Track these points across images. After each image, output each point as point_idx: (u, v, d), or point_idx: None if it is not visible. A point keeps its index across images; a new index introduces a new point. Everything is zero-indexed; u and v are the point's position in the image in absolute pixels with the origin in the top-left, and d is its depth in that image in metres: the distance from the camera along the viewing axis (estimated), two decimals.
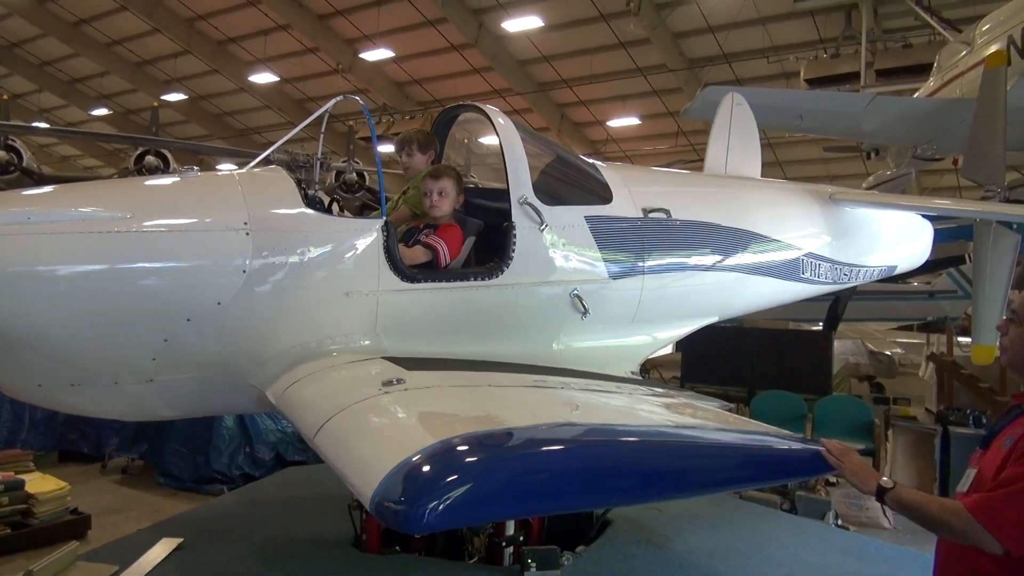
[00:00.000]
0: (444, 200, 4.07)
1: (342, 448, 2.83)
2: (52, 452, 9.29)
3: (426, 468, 2.43)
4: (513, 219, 4.01)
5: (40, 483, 6.84)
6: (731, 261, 5.03)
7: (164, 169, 14.78)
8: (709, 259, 4.90)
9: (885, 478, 2.59)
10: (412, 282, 3.76)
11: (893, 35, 17.40)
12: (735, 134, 6.26)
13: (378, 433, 2.88)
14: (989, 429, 2.68)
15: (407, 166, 4.66)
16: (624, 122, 25.36)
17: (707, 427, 3.43)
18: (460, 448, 2.55)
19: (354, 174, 15.23)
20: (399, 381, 3.13)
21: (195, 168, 3.83)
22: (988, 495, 2.36)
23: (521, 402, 3.45)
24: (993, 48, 9.90)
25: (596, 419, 3.44)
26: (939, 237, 7.79)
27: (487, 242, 4.14)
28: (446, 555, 4.61)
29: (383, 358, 3.57)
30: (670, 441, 3.16)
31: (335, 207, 4.04)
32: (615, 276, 4.38)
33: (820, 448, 2.84)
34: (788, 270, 5.46)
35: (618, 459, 2.88)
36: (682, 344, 10.87)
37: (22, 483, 6.65)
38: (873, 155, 15.89)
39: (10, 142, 14.06)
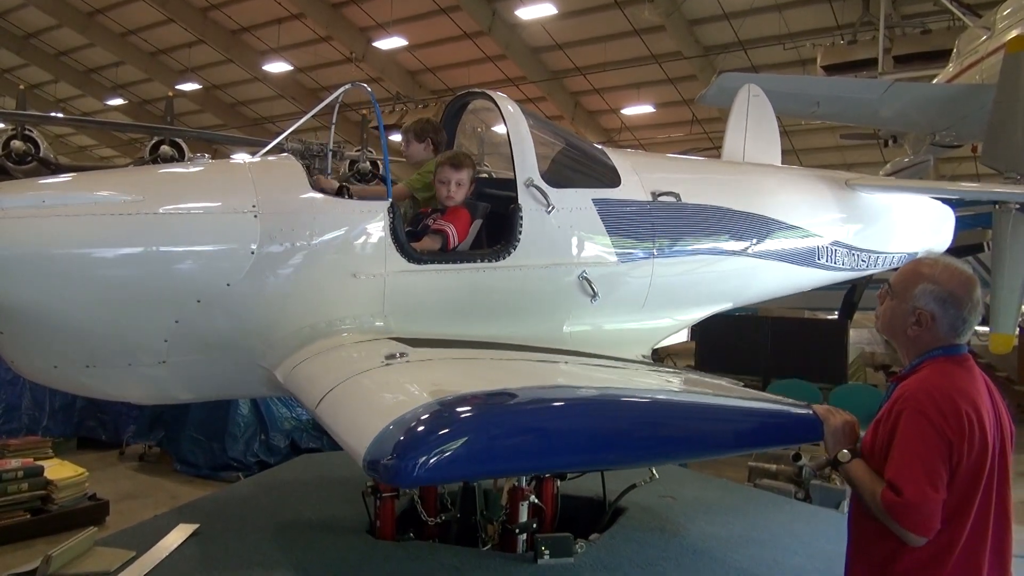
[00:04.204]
0: (461, 190, 4.08)
1: (341, 414, 2.88)
2: (71, 439, 9.39)
3: (416, 424, 2.43)
4: (519, 201, 4.02)
5: (59, 469, 6.92)
6: (743, 246, 4.98)
7: (179, 159, 14.84)
8: (721, 243, 4.87)
9: (847, 451, 2.65)
10: (419, 263, 3.79)
11: (912, 20, 17.16)
12: (752, 125, 6.21)
13: (375, 398, 2.92)
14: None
15: (407, 155, 4.72)
16: (638, 110, 25.20)
17: (707, 395, 3.44)
18: (451, 405, 2.57)
19: (368, 163, 15.21)
20: (402, 355, 3.19)
21: (206, 155, 3.90)
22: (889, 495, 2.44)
23: (520, 370, 3.50)
24: (1014, 33, 9.75)
25: (593, 384, 3.46)
26: (957, 225, 7.71)
27: (500, 228, 4.14)
28: (460, 542, 4.64)
29: (390, 339, 3.60)
30: (668, 402, 3.20)
31: (344, 193, 4.06)
32: (624, 259, 4.37)
33: (811, 411, 2.85)
34: (803, 256, 5.40)
35: (611, 419, 2.87)
36: (697, 333, 10.90)
37: (41, 469, 6.73)
38: (891, 142, 15.72)
39: (27, 132, 14.15)
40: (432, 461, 2.32)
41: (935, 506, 2.39)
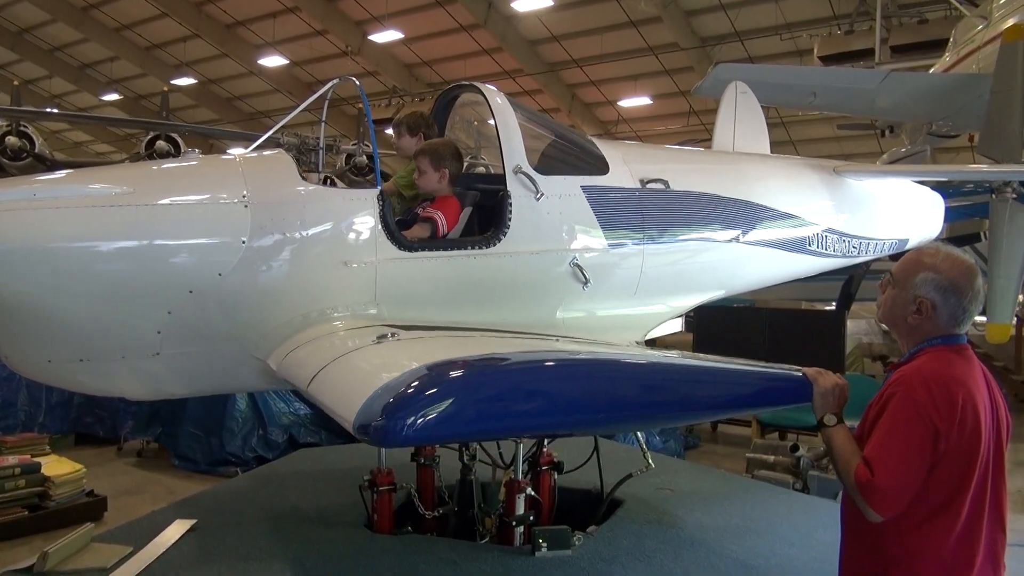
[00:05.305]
0: (423, 178, 4.11)
1: (332, 388, 2.90)
2: (68, 435, 9.40)
3: (405, 386, 2.44)
4: (508, 188, 4.03)
5: (56, 466, 6.93)
6: (734, 232, 4.99)
7: (175, 154, 14.78)
8: (711, 229, 4.88)
9: (832, 416, 2.67)
10: (410, 251, 3.81)
11: (908, 10, 17.16)
12: (741, 123, 6.23)
13: (365, 370, 2.94)
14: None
15: (397, 148, 4.72)
16: (635, 102, 25.15)
17: (698, 359, 3.46)
18: (440, 368, 2.59)
19: (364, 157, 15.19)
20: (393, 335, 3.22)
21: (196, 150, 3.92)
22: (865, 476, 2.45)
23: (511, 342, 3.53)
24: (1010, 22, 9.72)
25: (581, 349, 3.50)
26: (954, 215, 7.72)
27: (491, 218, 4.14)
28: (457, 535, 4.65)
29: (383, 326, 3.60)
30: (659, 364, 3.21)
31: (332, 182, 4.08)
32: (615, 245, 4.38)
33: (801, 374, 2.85)
34: (794, 243, 5.41)
35: (604, 380, 2.88)
36: (693, 324, 10.89)
37: (38, 466, 6.73)
38: (888, 132, 15.70)
39: (22, 128, 14.08)
40: (421, 421, 2.33)
41: (905, 491, 2.42)
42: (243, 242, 3.54)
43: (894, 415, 2.47)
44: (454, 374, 2.59)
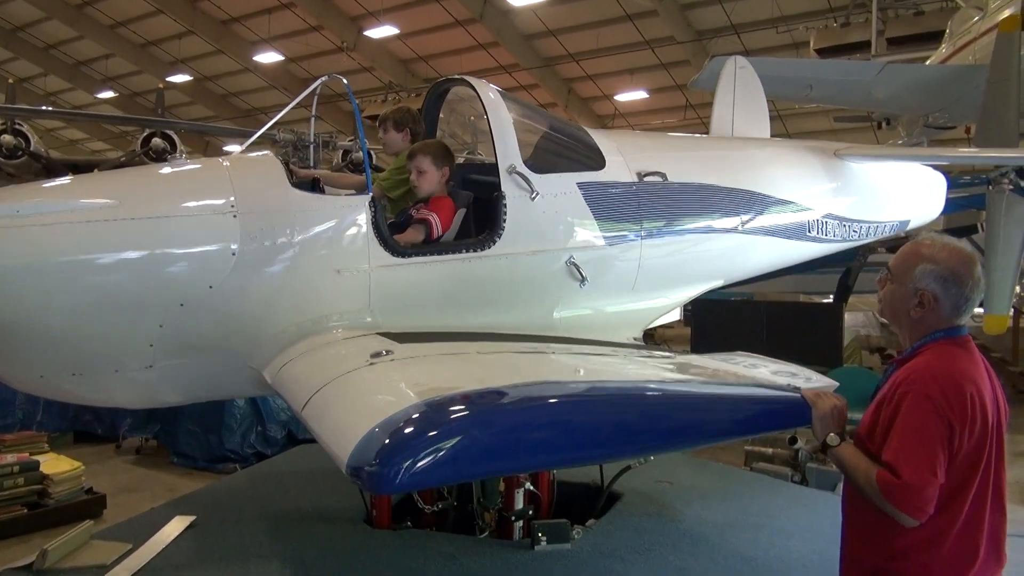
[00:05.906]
0: (423, 178, 4.05)
1: (325, 418, 2.82)
2: (67, 433, 9.36)
3: (399, 428, 2.36)
4: (503, 189, 3.98)
5: (55, 464, 6.91)
6: (733, 222, 4.94)
7: (171, 151, 14.78)
8: (710, 221, 4.83)
9: (835, 435, 2.61)
10: (403, 257, 3.76)
11: (904, 2, 17.11)
12: (740, 98, 6.11)
13: (358, 401, 2.84)
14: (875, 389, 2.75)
15: (384, 143, 4.66)
16: (632, 96, 25.13)
17: (695, 383, 3.34)
18: (436, 407, 2.49)
19: (361, 152, 15.16)
20: (387, 352, 3.14)
21: (183, 154, 3.88)
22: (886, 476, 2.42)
23: (506, 364, 3.41)
24: (1006, 12, 9.73)
25: (579, 377, 3.37)
26: (950, 207, 7.71)
27: (486, 216, 4.10)
28: (457, 530, 4.65)
29: (378, 334, 3.56)
30: (657, 397, 3.12)
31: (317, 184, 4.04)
32: (612, 242, 4.33)
33: (799, 396, 2.79)
34: (794, 230, 5.35)
35: (601, 416, 2.80)
36: (691, 317, 10.90)
37: (37, 464, 6.71)
38: (884, 125, 15.71)
39: (17, 126, 14.06)
40: (419, 465, 2.26)
41: (933, 490, 2.38)
42: (233, 253, 3.49)
43: (909, 415, 2.44)
44: (450, 416, 2.47)
